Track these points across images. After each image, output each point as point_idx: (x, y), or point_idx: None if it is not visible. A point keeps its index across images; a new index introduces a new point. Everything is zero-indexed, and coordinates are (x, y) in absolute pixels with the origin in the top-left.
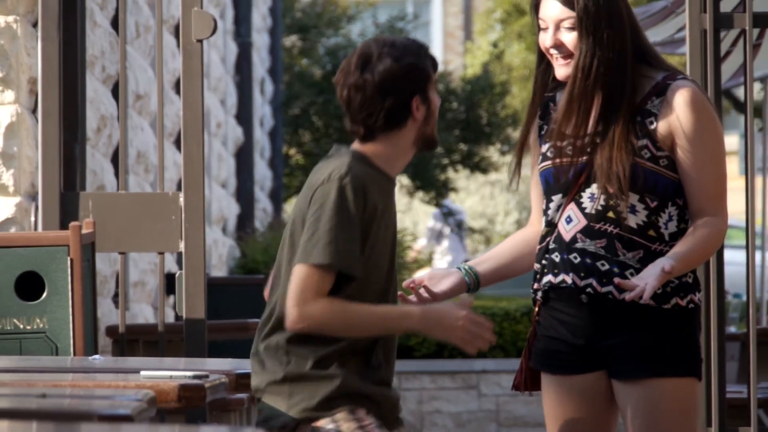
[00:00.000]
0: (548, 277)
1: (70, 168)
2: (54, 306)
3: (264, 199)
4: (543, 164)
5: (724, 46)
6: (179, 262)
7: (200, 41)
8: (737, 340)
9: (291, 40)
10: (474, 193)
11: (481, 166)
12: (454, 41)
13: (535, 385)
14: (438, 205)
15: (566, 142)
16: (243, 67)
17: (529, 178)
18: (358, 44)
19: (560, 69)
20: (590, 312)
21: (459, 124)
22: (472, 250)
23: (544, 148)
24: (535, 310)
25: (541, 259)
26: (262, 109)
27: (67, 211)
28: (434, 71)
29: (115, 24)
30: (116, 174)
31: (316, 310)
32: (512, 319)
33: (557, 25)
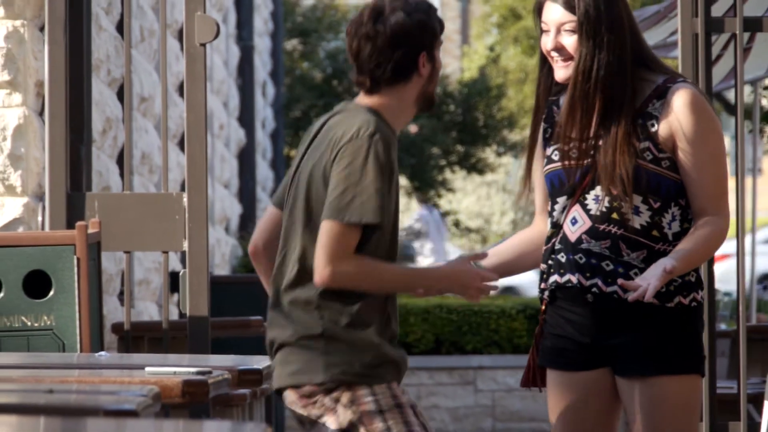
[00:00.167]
0: (554, 277)
1: (77, 169)
2: (61, 304)
3: (266, 199)
4: (549, 167)
5: (716, 50)
6: (183, 261)
7: (203, 45)
8: (727, 337)
9: (292, 44)
10: (471, 194)
11: (478, 167)
12: (451, 45)
13: (544, 382)
14: (425, 201)
15: (571, 145)
16: (245, 70)
17: (523, 179)
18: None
19: (560, 71)
20: (596, 311)
21: (456, 126)
22: (468, 250)
23: (549, 151)
24: (542, 309)
25: (548, 260)
26: (264, 112)
27: (74, 211)
28: (441, 34)
29: (120, 28)
30: (121, 175)
31: (349, 269)
32: (508, 317)
33: (558, 29)
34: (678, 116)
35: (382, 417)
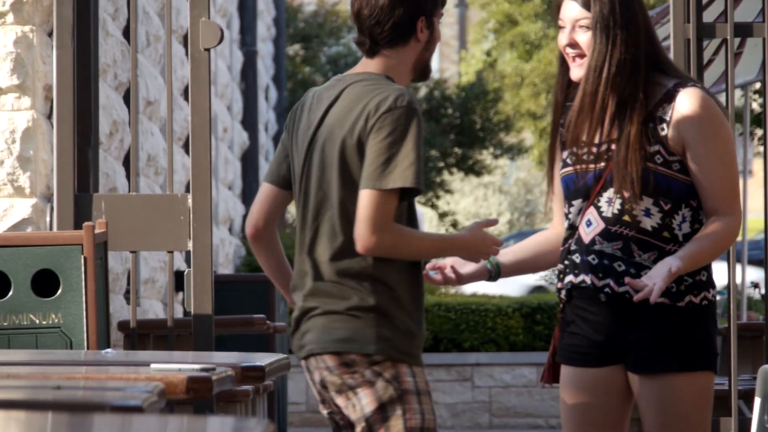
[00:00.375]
0: (570, 277)
1: (84, 171)
2: (68, 302)
3: None
4: (564, 170)
5: (707, 55)
6: (188, 261)
7: (207, 50)
8: (719, 335)
9: (294, 49)
10: (468, 195)
11: (475, 169)
12: (449, 50)
13: None
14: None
15: (584, 149)
16: (248, 75)
17: (525, 180)
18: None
19: (575, 70)
20: (609, 310)
21: (454, 129)
22: None
23: (564, 154)
24: (560, 308)
25: (564, 260)
26: (267, 115)
27: (81, 212)
28: (441, 6)
29: (127, 34)
30: (128, 176)
31: (392, 236)
32: (504, 315)
33: (574, 25)
34: (687, 118)
35: (419, 399)
